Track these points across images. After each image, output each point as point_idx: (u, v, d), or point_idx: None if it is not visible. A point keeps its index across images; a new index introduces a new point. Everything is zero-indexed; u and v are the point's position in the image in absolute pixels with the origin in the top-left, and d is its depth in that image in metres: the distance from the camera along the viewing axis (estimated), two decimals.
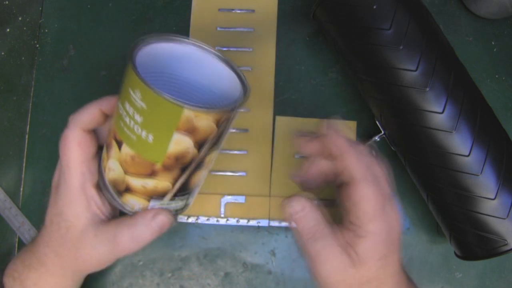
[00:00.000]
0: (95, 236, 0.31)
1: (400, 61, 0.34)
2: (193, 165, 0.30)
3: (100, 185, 0.32)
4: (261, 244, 0.42)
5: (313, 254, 0.30)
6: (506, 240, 0.33)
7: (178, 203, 0.32)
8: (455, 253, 0.38)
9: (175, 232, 0.42)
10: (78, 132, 0.31)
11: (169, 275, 0.41)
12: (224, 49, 0.43)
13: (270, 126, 0.43)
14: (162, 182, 0.30)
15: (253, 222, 0.41)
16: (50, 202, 0.33)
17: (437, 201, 0.36)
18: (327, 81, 0.44)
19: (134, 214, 0.32)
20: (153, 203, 0.31)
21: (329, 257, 0.29)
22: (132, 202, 0.31)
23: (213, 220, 0.41)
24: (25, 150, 0.43)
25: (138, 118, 0.27)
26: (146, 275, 0.41)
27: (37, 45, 0.44)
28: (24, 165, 0.43)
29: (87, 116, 0.31)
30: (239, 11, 0.44)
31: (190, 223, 0.42)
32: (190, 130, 0.27)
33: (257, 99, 0.43)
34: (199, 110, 0.26)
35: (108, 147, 0.30)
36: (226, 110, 0.28)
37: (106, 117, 0.32)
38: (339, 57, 0.40)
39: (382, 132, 0.39)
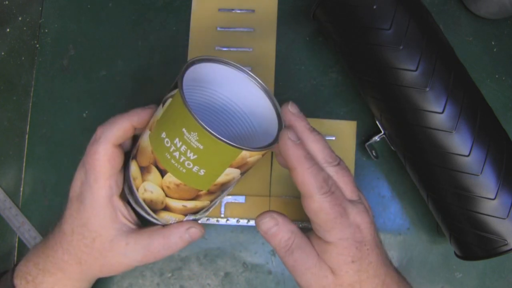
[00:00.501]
0: (127, 244, 0.32)
1: (400, 61, 0.34)
2: (232, 185, 0.31)
3: (131, 202, 0.33)
4: (261, 244, 0.42)
5: (292, 266, 0.31)
6: (506, 240, 0.33)
7: (208, 212, 0.34)
8: (455, 253, 0.38)
9: None
10: (108, 147, 0.31)
11: (169, 275, 0.41)
12: (224, 49, 0.43)
13: None
14: (202, 202, 0.31)
15: (253, 222, 0.41)
16: (70, 212, 0.32)
17: (437, 201, 0.36)
18: (327, 81, 0.44)
19: (167, 225, 0.33)
20: (188, 217, 0.33)
21: (307, 266, 0.30)
22: (168, 217, 0.32)
23: (213, 220, 0.41)
24: (25, 150, 0.43)
25: (191, 155, 0.28)
26: (146, 275, 0.41)
27: (37, 45, 0.44)
28: (24, 165, 0.43)
29: (118, 131, 0.31)
30: (239, 11, 0.44)
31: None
32: (241, 165, 0.29)
33: None
34: (255, 151, 0.28)
35: (145, 170, 0.31)
36: (273, 145, 0.30)
37: (135, 130, 0.32)
38: (339, 57, 0.40)
39: (382, 132, 0.39)
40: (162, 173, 0.29)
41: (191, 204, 0.31)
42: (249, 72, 0.33)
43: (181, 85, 0.28)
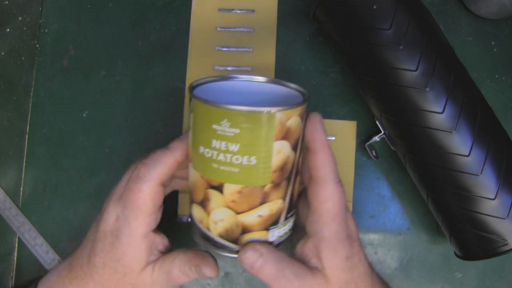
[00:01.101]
0: (153, 270, 0.32)
1: (400, 61, 0.34)
2: (294, 171, 0.30)
3: (212, 251, 0.31)
4: None
5: None
6: (506, 240, 0.33)
7: (290, 223, 0.32)
8: (455, 253, 0.38)
9: (175, 232, 0.41)
10: (153, 186, 0.30)
11: None
12: (224, 49, 0.43)
13: None
14: (274, 203, 0.29)
15: None
16: (103, 246, 0.31)
17: (437, 201, 0.36)
18: (327, 81, 0.44)
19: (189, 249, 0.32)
20: (272, 233, 0.30)
21: (304, 285, 0.29)
22: (253, 239, 0.30)
23: None
24: (25, 150, 0.43)
25: (234, 147, 0.27)
26: None
27: (37, 45, 0.44)
28: (24, 165, 0.43)
29: (164, 169, 0.30)
30: (239, 11, 0.44)
31: (190, 223, 0.41)
32: (285, 134, 0.28)
33: None
34: (288, 109, 0.27)
35: (204, 202, 0.30)
36: (305, 102, 0.29)
37: (179, 165, 0.31)
38: (339, 57, 0.40)
39: (382, 132, 0.39)
40: (220, 189, 0.28)
41: (265, 211, 0.29)
42: (250, 76, 0.32)
43: (190, 90, 0.28)
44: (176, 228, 0.42)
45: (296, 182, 0.31)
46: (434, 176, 0.35)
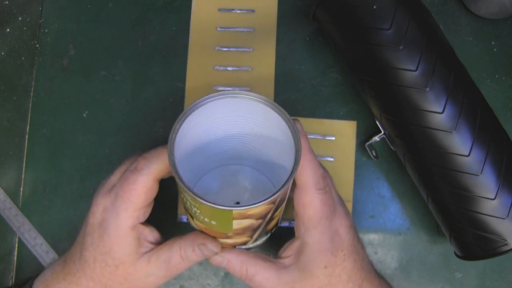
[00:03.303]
0: (149, 262, 0.31)
1: (400, 61, 0.34)
2: (263, 225, 0.30)
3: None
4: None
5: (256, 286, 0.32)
6: (506, 240, 0.33)
7: (263, 239, 0.34)
8: (455, 253, 0.38)
9: (175, 232, 0.41)
10: (149, 180, 0.30)
11: None
12: (224, 49, 0.43)
13: None
14: (239, 239, 0.31)
15: None
16: (92, 239, 0.32)
17: (437, 201, 0.36)
18: (327, 81, 0.44)
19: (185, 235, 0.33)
20: (240, 247, 0.33)
21: (269, 285, 0.31)
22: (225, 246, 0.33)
23: None
24: (25, 150, 0.43)
25: (197, 210, 0.28)
26: None
27: (37, 45, 0.44)
28: (24, 165, 0.43)
29: (163, 166, 0.30)
30: (239, 11, 0.44)
31: (190, 223, 0.41)
32: (246, 217, 0.28)
33: None
34: (247, 208, 0.26)
35: (187, 211, 0.32)
36: (275, 195, 0.26)
37: None
38: (339, 57, 0.40)
39: (382, 132, 0.39)
40: (191, 216, 0.30)
41: (230, 241, 0.31)
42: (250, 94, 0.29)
43: (170, 145, 0.27)
44: (176, 228, 0.42)
45: (271, 223, 0.31)
46: (434, 176, 0.35)
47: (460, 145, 0.34)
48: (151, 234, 0.32)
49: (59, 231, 0.42)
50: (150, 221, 0.33)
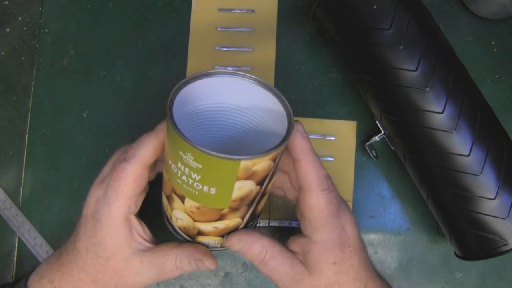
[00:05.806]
0: (141, 263, 0.31)
1: (400, 61, 0.34)
2: (257, 198, 0.30)
3: (170, 230, 0.33)
4: None
5: (267, 274, 0.32)
6: (506, 240, 0.33)
7: (250, 226, 0.33)
8: (455, 253, 0.38)
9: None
10: (138, 167, 0.30)
11: None
12: (224, 49, 0.43)
13: None
14: (232, 221, 0.30)
15: None
16: (85, 230, 0.32)
17: (437, 201, 0.36)
18: (327, 81, 0.44)
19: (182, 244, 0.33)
20: (222, 249, 0.33)
21: (282, 273, 0.31)
22: (207, 241, 0.32)
23: None
24: (25, 150, 0.43)
25: (195, 176, 0.27)
26: None
27: (37, 45, 0.44)
28: (24, 165, 0.43)
29: (148, 151, 0.30)
30: (239, 11, 0.44)
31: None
32: (250, 175, 0.27)
33: None
34: (255, 158, 0.26)
35: (169, 198, 0.30)
36: (279, 148, 0.27)
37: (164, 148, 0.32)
38: (339, 57, 0.40)
39: (382, 132, 0.39)
40: (182, 199, 0.29)
41: (221, 225, 0.30)
42: (249, 75, 0.31)
43: (169, 108, 0.27)
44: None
45: (261, 203, 0.31)
46: (434, 176, 0.35)
47: (460, 145, 0.34)
48: (143, 230, 0.32)
49: (59, 231, 0.42)
50: (142, 220, 0.34)
